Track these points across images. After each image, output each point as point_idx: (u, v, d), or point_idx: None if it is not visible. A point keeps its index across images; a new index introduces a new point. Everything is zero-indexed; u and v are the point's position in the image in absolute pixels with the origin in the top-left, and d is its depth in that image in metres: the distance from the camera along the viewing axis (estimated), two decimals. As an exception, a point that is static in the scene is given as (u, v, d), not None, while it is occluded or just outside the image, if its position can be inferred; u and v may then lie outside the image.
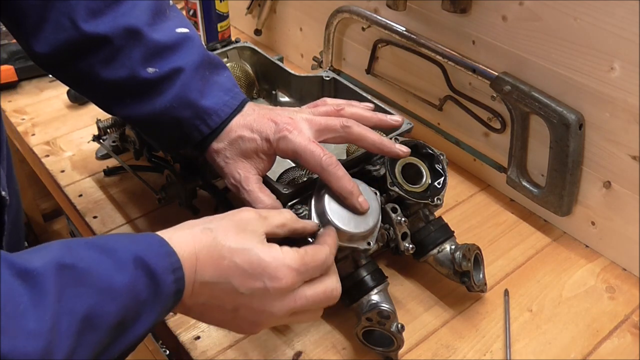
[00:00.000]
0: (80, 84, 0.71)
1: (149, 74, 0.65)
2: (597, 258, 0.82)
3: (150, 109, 0.67)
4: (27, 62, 1.17)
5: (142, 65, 0.65)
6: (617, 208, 0.77)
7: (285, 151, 0.64)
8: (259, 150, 0.65)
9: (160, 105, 0.66)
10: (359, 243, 0.65)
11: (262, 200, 0.64)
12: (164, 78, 0.65)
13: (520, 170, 0.87)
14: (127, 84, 0.66)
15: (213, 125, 0.66)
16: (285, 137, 0.63)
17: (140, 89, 0.66)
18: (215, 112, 0.66)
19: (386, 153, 0.68)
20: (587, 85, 0.74)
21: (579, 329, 0.73)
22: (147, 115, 0.67)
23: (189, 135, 0.67)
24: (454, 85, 0.92)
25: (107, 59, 0.65)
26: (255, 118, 0.66)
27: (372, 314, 0.65)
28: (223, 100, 0.67)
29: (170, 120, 0.67)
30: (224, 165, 0.67)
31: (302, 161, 0.63)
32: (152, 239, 0.51)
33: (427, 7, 0.90)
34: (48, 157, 0.99)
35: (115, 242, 0.48)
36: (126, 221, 0.87)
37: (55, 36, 0.65)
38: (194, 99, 0.66)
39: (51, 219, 2.13)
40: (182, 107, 0.66)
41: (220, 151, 0.67)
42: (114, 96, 0.69)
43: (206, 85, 0.67)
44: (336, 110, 0.68)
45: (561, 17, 0.73)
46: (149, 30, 0.65)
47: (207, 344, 0.70)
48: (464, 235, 0.84)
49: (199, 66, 0.67)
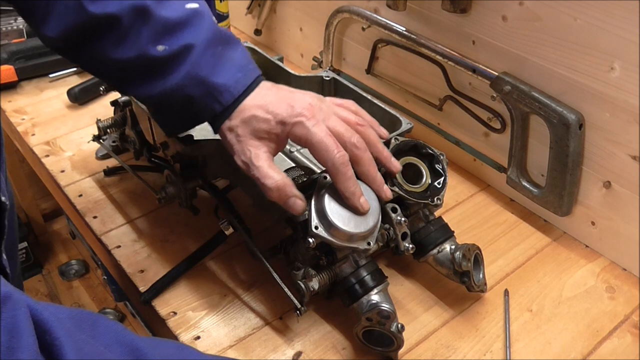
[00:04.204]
0: (93, 66, 0.70)
1: (159, 52, 0.64)
2: (597, 258, 0.82)
3: (162, 88, 0.65)
4: (27, 62, 1.17)
5: (151, 43, 0.64)
6: (617, 208, 0.77)
7: (299, 137, 0.63)
8: (272, 132, 0.64)
9: (171, 83, 0.64)
10: (359, 243, 0.65)
11: (272, 176, 0.63)
12: (174, 56, 0.64)
13: (520, 170, 0.87)
14: (137, 64, 0.65)
15: (225, 103, 0.65)
16: (302, 123, 0.62)
17: (151, 68, 0.65)
18: (227, 89, 0.64)
19: (373, 189, 0.67)
20: (587, 85, 0.74)
21: (579, 329, 0.73)
22: (159, 95, 0.66)
23: (201, 113, 0.66)
24: (454, 85, 0.92)
25: (117, 39, 0.64)
26: (272, 99, 0.65)
27: (372, 314, 0.65)
28: (236, 78, 0.65)
29: (182, 99, 0.65)
30: (234, 143, 0.65)
31: (314, 152, 0.63)
32: None
33: (427, 7, 0.90)
34: (48, 157, 0.99)
35: None
36: (126, 221, 0.87)
37: (64, 20, 0.64)
38: (205, 76, 0.64)
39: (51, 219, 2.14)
40: (193, 85, 0.64)
41: (232, 129, 0.65)
42: (126, 76, 0.67)
43: (218, 61, 0.65)
44: (355, 123, 0.67)
45: (561, 17, 0.73)
46: (157, 7, 0.64)
47: (207, 344, 0.70)
48: (464, 235, 0.84)
49: (211, 42, 0.65)
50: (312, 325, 0.72)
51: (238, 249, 0.80)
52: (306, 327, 0.72)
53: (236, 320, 0.73)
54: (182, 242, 0.83)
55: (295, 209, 0.64)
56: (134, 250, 0.82)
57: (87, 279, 2.00)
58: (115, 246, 0.82)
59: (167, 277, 0.76)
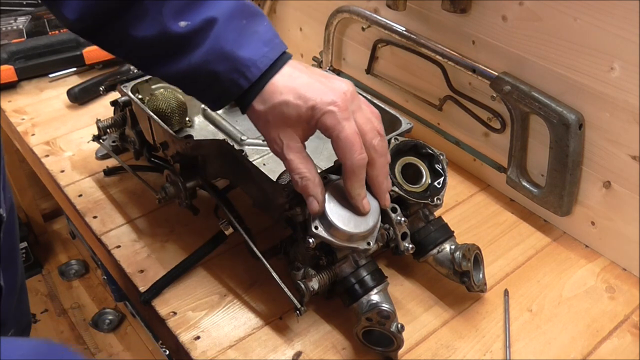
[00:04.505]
0: (116, 47, 0.69)
1: (181, 28, 0.62)
2: (597, 258, 0.82)
3: (186, 65, 0.63)
4: (27, 62, 1.17)
5: (173, 19, 0.62)
6: (617, 208, 0.77)
7: (327, 127, 0.61)
8: (302, 118, 0.62)
9: (195, 60, 0.62)
10: (358, 243, 0.65)
11: (301, 171, 0.63)
12: (197, 31, 0.62)
13: (520, 170, 0.87)
14: (160, 41, 0.63)
15: (252, 78, 0.62)
16: (333, 113, 0.60)
17: (174, 45, 0.63)
18: (254, 63, 0.62)
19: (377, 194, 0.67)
20: (587, 85, 0.74)
21: (579, 329, 0.73)
22: (184, 72, 0.64)
23: (228, 91, 0.64)
24: (453, 85, 0.92)
25: (138, 17, 0.63)
26: (305, 82, 0.63)
27: (372, 314, 0.65)
28: (262, 52, 0.63)
29: (208, 76, 0.63)
30: (264, 130, 0.64)
31: (336, 145, 0.61)
32: None
33: (427, 7, 0.90)
34: (48, 157, 0.99)
35: None
36: (126, 221, 0.87)
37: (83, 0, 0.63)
38: (230, 51, 0.62)
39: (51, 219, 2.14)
40: (217, 61, 0.62)
41: (262, 115, 0.63)
42: (149, 56, 0.66)
43: (243, 35, 0.63)
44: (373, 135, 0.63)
45: (561, 17, 0.73)
46: None
47: (207, 344, 0.70)
48: (464, 235, 0.84)
49: (234, 15, 0.63)
50: (312, 325, 0.72)
51: (238, 249, 0.80)
52: (306, 327, 0.72)
53: (236, 320, 0.73)
54: (182, 242, 0.83)
55: (310, 208, 0.64)
56: (134, 250, 0.82)
57: (87, 279, 2.00)
58: (115, 246, 0.82)
59: (167, 277, 0.76)
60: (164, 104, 0.87)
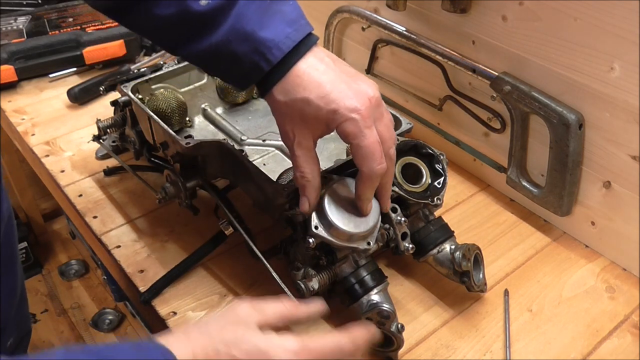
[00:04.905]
0: (140, 26, 0.67)
1: (202, 7, 0.60)
2: (597, 258, 0.82)
3: (208, 45, 0.61)
4: (27, 62, 1.17)
5: None
6: (617, 208, 0.77)
7: (347, 134, 0.59)
8: (321, 120, 0.60)
9: (216, 39, 0.60)
10: (358, 243, 0.65)
11: (304, 170, 0.62)
12: (218, 9, 0.60)
13: (520, 170, 0.87)
14: (181, 20, 0.62)
15: (274, 60, 0.59)
16: (356, 121, 0.58)
17: (196, 24, 0.61)
18: (275, 45, 0.59)
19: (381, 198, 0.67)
20: (587, 85, 0.74)
21: (579, 329, 0.73)
22: (206, 53, 0.62)
23: (249, 74, 0.61)
24: (454, 85, 0.92)
25: None
26: (330, 79, 0.60)
27: (372, 314, 0.65)
28: (285, 32, 0.60)
29: (228, 57, 0.61)
30: (280, 120, 0.62)
31: (356, 152, 0.60)
32: (157, 351, 0.49)
33: (427, 7, 0.90)
34: (48, 157, 0.99)
35: (120, 356, 0.47)
36: (126, 221, 0.87)
37: None
38: (252, 31, 0.59)
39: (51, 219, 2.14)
40: (238, 41, 0.60)
41: (280, 105, 0.61)
42: (173, 35, 0.64)
43: (265, 15, 0.60)
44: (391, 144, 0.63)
45: (561, 17, 0.73)
46: None
47: (207, 344, 0.69)
48: (464, 235, 0.84)
49: None
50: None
51: (238, 249, 0.80)
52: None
53: (236, 320, 0.72)
54: (182, 242, 0.83)
55: (300, 206, 0.64)
56: (134, 250, 0.82)
57: (87, 279, 2.00)
58: (115, 246, 0.82)
59: (167, 277, 0.76)
60: (164, 104, 0.87)
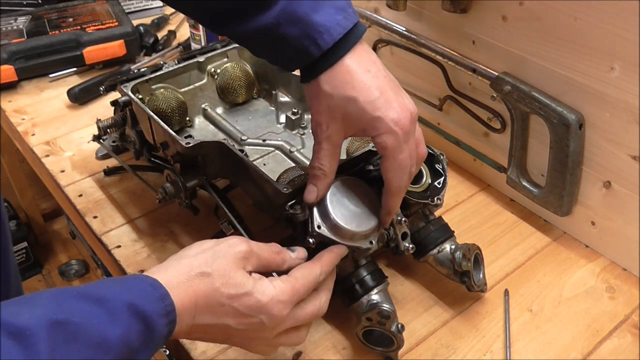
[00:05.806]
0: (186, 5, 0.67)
1: None
2: (597, 258, 0.82)
3: (256, 25, 0.59)
4: (27, 62, 1.17)
5: None
6: (617, 208, 0.77)
7: (385, 146, 0.59)
8: (361, 123, 0.59)
9: (266, 21, 0.58)
10: (360, 242, 0.65)
11: (323, 163, 0.62)
12: None
13: (520, 170, 0.87)
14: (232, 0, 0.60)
15: (324, 46, 0.58)
16: (396, 135, 0.58)
17: (246, 4, 0.59)
18: (327, 30, 0.57)
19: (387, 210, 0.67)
20: (587, 85, 0.74)
21: (579, 329, 0.73)
22: (253, 33, 0.60)
23: (298, 57, 0.60)
24: (454, 85, 0.92)
25: None
26: (378, 84, 0.59)
27: (372, 314, 0.65)
28: (335, 19, 0.58)
29: (277, 39, 0.59)
30: (317, 109, 0.61)
31: (388, 164, 0.60)
32: (144, 282, 0.50)
33: (427, 7, 0.90)
34: (48, 157, 0.99)
35: (107, 291, 0.48)
36: (126, 221, 0.87)
37: None
38: (304, 14, 0.57)
39: (51, 219, 2.14)
40: (289, 24, 0.58)
41: (324, 96, 0.60)
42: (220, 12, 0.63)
43: None
44: (420, 160, 0.65)
45: (561, 17, 0.73)
46: None
47: (207, 344, 0.69)
48: (464, 235, 0.84)
49: None
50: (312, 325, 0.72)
51: (238, 249, 0.80)
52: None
53: (236, 320, 0.72)
54: (182, 242, 0.83)
55: (306, 195, 0.64)
56: (134, 250, 0.82)
57: (87, 279, 2.00)
58: (115, 246, 0.82)
59: (167, 277, 0.76)
60: (164, 104, 0.87)
